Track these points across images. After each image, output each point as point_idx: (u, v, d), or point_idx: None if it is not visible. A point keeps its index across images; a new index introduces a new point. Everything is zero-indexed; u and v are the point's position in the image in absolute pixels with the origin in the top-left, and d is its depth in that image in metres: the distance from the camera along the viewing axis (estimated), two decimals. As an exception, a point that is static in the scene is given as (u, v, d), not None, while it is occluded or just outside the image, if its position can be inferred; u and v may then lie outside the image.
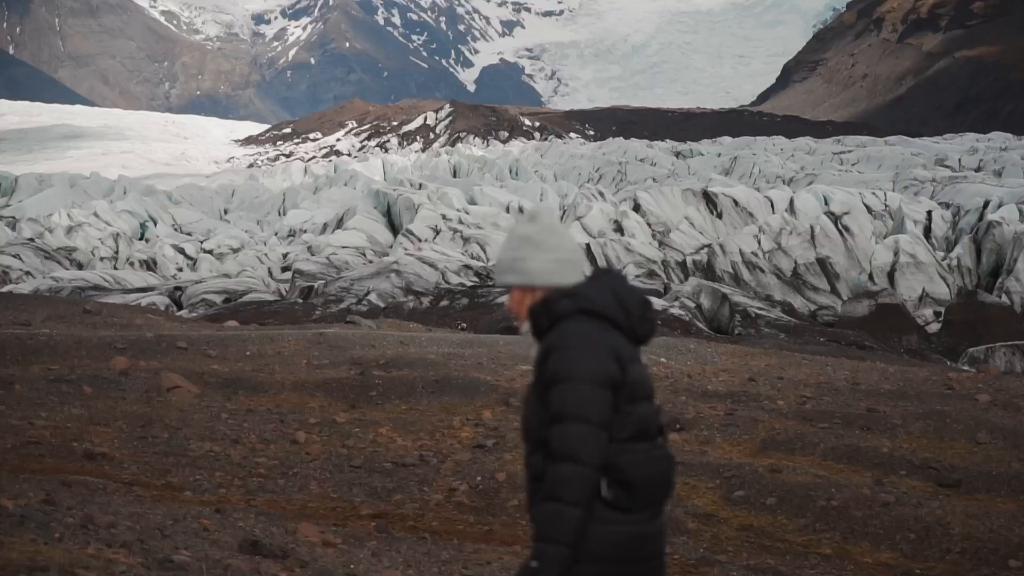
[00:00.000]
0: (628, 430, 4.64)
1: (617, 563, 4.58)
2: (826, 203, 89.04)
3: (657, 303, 66.69)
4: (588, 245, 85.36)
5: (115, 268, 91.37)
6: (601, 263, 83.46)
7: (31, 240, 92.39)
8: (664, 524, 4.82)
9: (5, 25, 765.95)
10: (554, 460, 4.53)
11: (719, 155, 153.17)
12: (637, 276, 78.46)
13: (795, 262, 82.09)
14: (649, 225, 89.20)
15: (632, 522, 4.64)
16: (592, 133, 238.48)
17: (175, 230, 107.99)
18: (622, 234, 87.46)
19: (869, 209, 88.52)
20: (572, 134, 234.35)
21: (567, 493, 4.46)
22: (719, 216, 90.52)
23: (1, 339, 24.60)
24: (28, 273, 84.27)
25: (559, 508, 4.46)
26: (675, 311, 65.39)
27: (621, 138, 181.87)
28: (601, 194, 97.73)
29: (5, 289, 73.04)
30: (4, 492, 11.70)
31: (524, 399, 4.93)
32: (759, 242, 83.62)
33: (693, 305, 68.07)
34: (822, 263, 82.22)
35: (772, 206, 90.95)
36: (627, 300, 4.75)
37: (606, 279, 4.81)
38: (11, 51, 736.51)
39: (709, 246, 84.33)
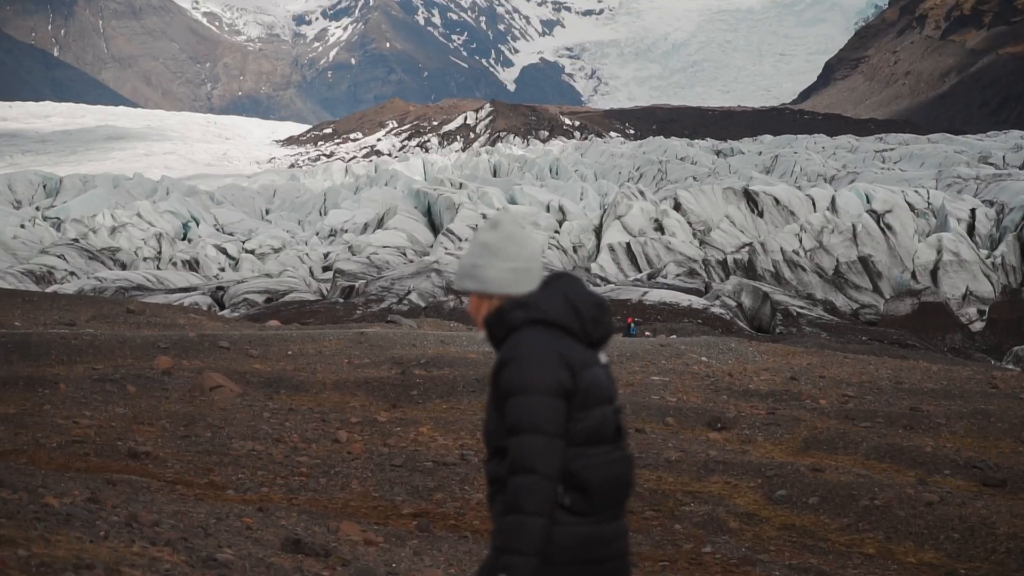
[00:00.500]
0: (582, 435, 4.63)
1: (572, 564, 4.61)
2: (868, 201, 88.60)
3: (698, 302, 66.52)
4: (628, 244, 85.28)
5: (158, 268, 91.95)
6: (641, 262, 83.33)
7: (75, 240, 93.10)
8: (624, 526, 4.88)
9: (50, 28, 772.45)
10: (513, 472, 4.55)
11: (760, 153, 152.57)
12: (678, 275, 78.27)
13: (837, 260, 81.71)
14: (690, 224, 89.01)
15: (586, 524, 4.64)
16: (632, 132, 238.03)
17: (217, 230, 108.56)
18: (662, 233, 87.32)
19: (912, 207, 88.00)
20: (612, 133, 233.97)
21: (528, 504, 4.48)
22: (760, 214, 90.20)
23: (46, 339, 24.80)
24: (73, 273, 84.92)
25: (522, 519, 4.49)
26: (716, 310, 65.17)
27: (661, 137, 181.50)
28: (641, 193, 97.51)
29: (50, 289, 73.65)
30: (50, 490, 11.79)
31: (486, 407, 4.96)
32: (800, 240, 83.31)
33: (734, 304, 67.86)
34: (864, 262, 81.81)
35: (814, 204, 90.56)
36: (580, 306, 4.73)
37: (559, 285, 4.79)
38: (56, 53, 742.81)
39: (750, 245, 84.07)
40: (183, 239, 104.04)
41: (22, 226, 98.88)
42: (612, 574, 4.73)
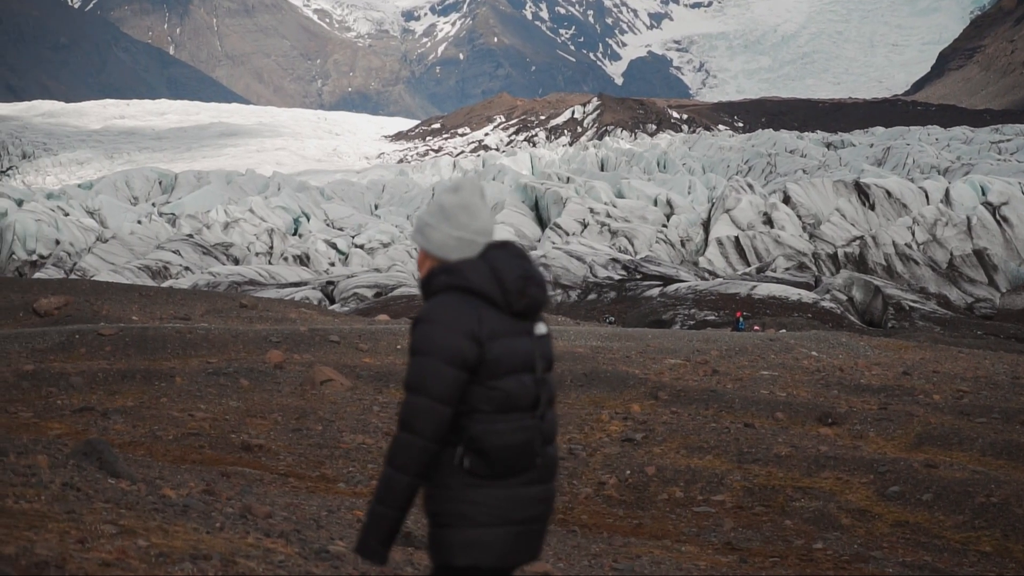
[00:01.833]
0: (492, 403, 4.76)
1: (487, 526, 4.74)
2: (983, 193, 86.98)
3: (807, 296, 65.81)
4: (737, 238, 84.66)
5: (270, 263, 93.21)
6: (750, 256, 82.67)
7: (190, 236, 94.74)
8: (547, 491, 4.92)
9: (166, 26, 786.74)
10: (398, 427, 4.75)
11: (871, 145, 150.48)
12: (787, 269, 77.54)
13: (951, 254, 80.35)
14: (799, 217, 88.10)
15: (503, 487, 4.77)
16: (741, 125, 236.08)
17: (327, 225, 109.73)
18: (772, 226, 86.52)
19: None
20: (720, 126, 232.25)
21: (398, 460, 4.70)
22: (871, 207, 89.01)
23: (162, 333, 25.28)
24: (187, 268, 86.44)
25: (390, 473, 4.73)
26: (826, 304, 64.45)
27: (770, 129, 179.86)
28: (750, 186, 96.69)
29: (166, 284, 75.07)
30: (167, 482, 12.05)
31: None
32: (913, 233, 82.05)
33: (844, 298, 67.05)
34: (979, 254, 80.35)
35: (927, 197, 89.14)
36: (504, 277, 4.82)
37: (492, 255, 4.90)
38: (172, 52, 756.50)
39: (861, 238, 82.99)
40: (294, 234, 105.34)
41: (139, 222, 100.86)
42: (531, 537, 4.89)
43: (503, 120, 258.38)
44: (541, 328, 5.01)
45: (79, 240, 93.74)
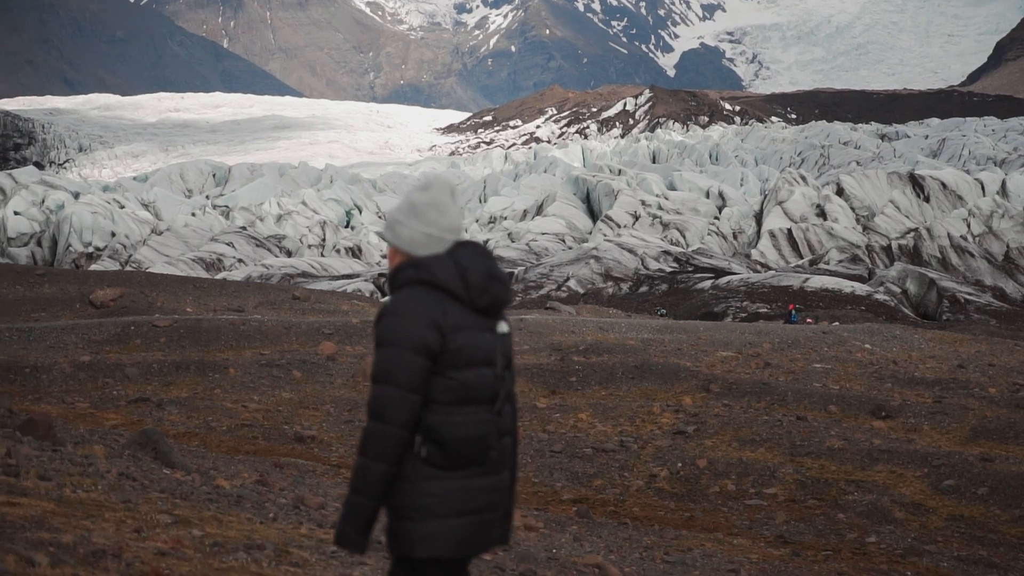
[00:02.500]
0: (451, 394, 4.87)
1: (445, 517, 4.84)
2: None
3: (861, 288, 65.36)
4: (790, 230, 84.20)
5: (322, 255, 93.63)
6: (803, 248, 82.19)
7: (243, 228, 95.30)
8: (503, 481, 5.04)
9: (220, 20, 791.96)
10: (368, 417, 4.84)
11: (926, 137, 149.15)
12: (840, 261, 77.03)
13: (1007, 246, 79.49)
14: (853, 209, 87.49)
15: (457, 478, 4.88)
16: (794, 116, 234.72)
17: (379, 217, 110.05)
18: (825, 219, 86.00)
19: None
20: (773, 118, 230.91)
21: (371, 449, 4.78)
22: (926, 199, 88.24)
23: (216, 324, 25.47)
24: (240, 260, 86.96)
25: (364, 463, 4.79)
26: (880, 296, 64.00)
27: (824, 121, 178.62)
28: (803, 178, 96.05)
29: (220, 276, 75.59)
30: (221, 472, 12.15)
31: None
32: (969, 226, 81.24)
33: (898, 290, 66.54)
34: (1036, 247, 79.56)
35: (983, 188, 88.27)
36: (469, 274, 4.94)
37: (458, 252, 5.01)
38: (226, 45, 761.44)
39: (916, 230, 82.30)
40: (346, 226, 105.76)
41: (193, 214, 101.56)
42: (490, 526, 4.98)
43: (555, 112, 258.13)
44: (503, 327, 5.10)
45: (134, 232, 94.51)
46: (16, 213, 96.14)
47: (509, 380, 5.15)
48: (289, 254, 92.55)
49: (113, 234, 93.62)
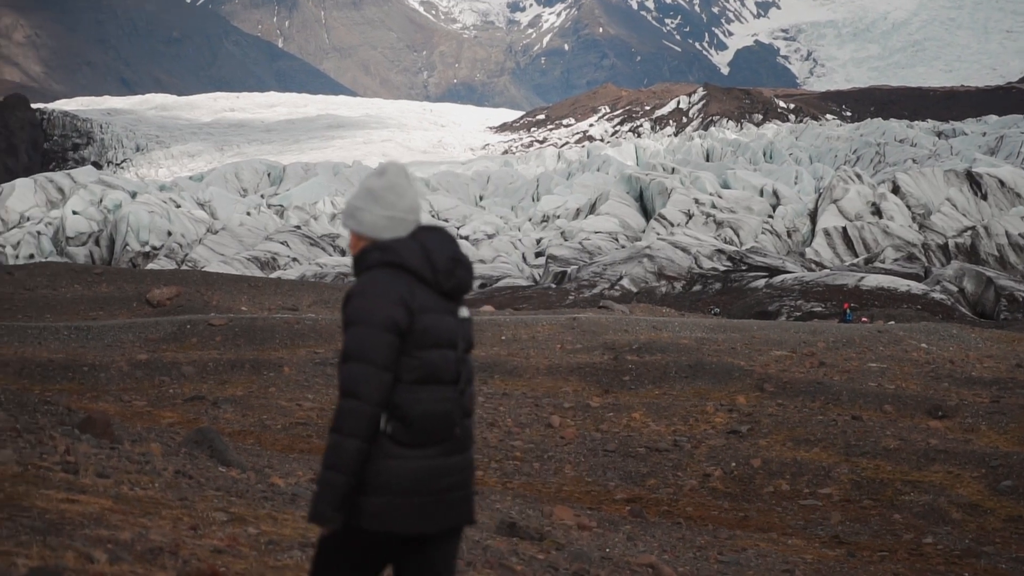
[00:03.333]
0: (415, 373, 4.97)
1: (404, 494, 4.92)
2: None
3: (917, 287, 64.84)
4: (845, 228, 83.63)
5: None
6: (858, 247, 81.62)
7: (297, 227, 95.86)
8: (465, 460, 5.12)
9: (275, 20, 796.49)
10: (340, 396, 4.89)
11: (984, 134, 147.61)
12: (896, 260, 76.45)
13: (1066, 245, 78.71)
14: (909, 207, 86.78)
15: (420, 457, 4.95)
16: (849, 114, 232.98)
17: (432, 216, 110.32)
18: (880, 217, 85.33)
19: None
20: (828, 115, 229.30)
21: (346, 426, 4.84)
22: (983, 197, 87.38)
23: (271, 323, 25.65)
24: (295, 259, 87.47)
25: (339, 439, 4.82)
26: (936, 295, 63.47)
27: (880, 119, 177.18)
28: (858, 176, 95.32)
29: (274, 275, 76.08)
30: (276, 471, 12.24)
31: None
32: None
33: (955, 289, 65.96)
34: (1096, 246, 78.65)
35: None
36: (435, 257, 5.06)
37: (423, 235, 5.13)
38: (280, 44, 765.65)
39: (973, 228, 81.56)
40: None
41: (248, 213, 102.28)
42: (453, 505, 5.05)
43: (608, 111, 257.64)
44: (464, 312, 5.20)
45: (190, 231, 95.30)
46: (75, 213, 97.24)
47: (470, 363, 5.24)
48: (343, 253, 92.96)
49: (169, 233, 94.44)
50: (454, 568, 5.17)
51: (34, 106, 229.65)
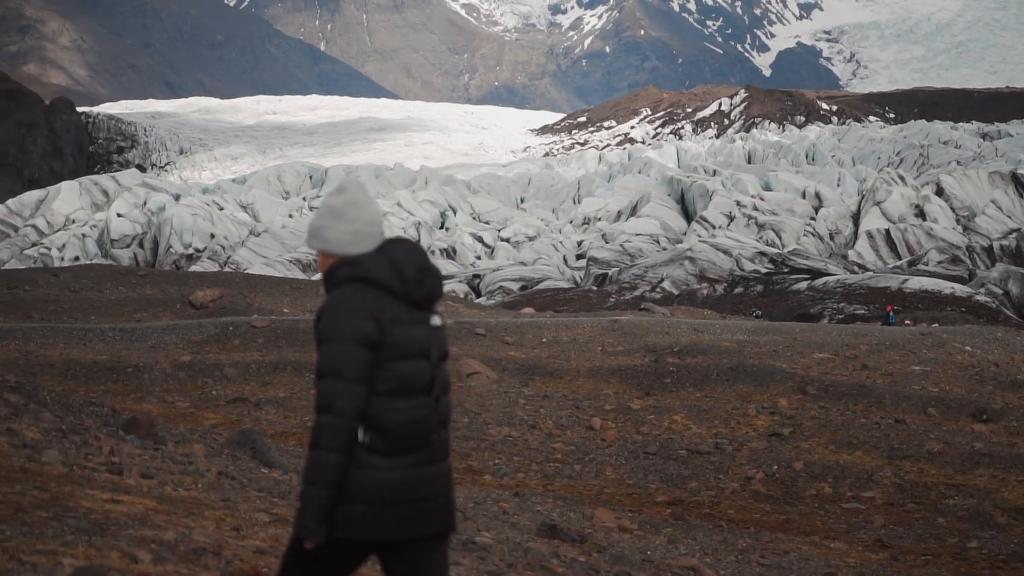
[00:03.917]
0: (389, 384, 5.06)
1: (380, 504, 5.01)
2: None
3: (961, 290, 64.39)
4: (888, 230, 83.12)
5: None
6: (901, 249, 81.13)
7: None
8: (443, 471, 5.21)
9: (317, 23, 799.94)
10: (316, 411, 5.01)
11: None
12: (939, 262, 75.95)
13: (1113, 247, 78.03)
14: (953, 209, 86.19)
15: (395, 467, 5.05)
16: (892, 116, 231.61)
17: (473, 219, 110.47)
18: (924, 219, 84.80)
19: None
20: (871, 117, 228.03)
21: (324, 441, 4.95)
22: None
23: (310, 327, 25.75)
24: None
25: (318, 454, 4.94)
26: (980, 298, 63.03)
27: (923, 120, 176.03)
28: (901, 178, 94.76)
29: (316, 277, 76.39)
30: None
31: None
32: (1073, 226, 79.90)
33: (1000, 292, 65.48)
34: None
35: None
36: (403, 268, 5.15)
37: (391, 248, 5.23)
38: (322, 48, 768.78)
39: (1018, 230, 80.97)
40: (441, 228, 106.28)
41: (290, 216, 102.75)
42: (430, 514, 5.13)
43: (649, 113, 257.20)
44: (436, 320, 5.29)
45: (233, 234, 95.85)
46: (119, 215, 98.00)
47: (444, 371, 5.32)
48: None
49: (212, 236, 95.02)
50: (445, 572, 5.24)
51: (79, 109, 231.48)
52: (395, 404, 5.05)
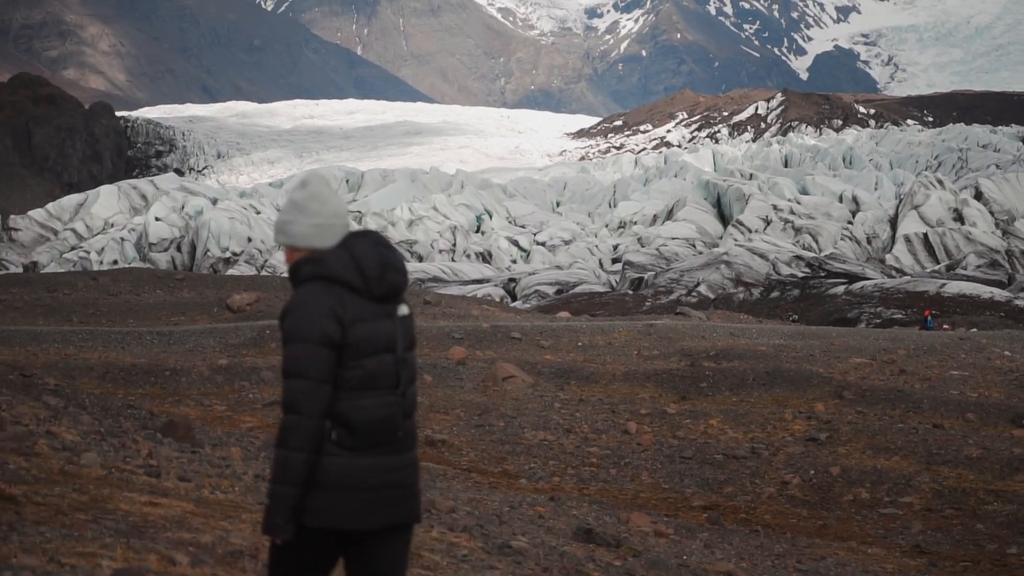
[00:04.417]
0: (355, 381, 5.12)
1: (342, 491, 5.07)
2: None
3: (1000, 294, 63.95)
4: (926, 235, 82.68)
5: (452, 260, 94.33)
6: (939, 253, 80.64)
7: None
8: (407, 461, 5.31)
9: (354, 27, 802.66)
10: (283, 411, 5.05)
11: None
12: (978, 266, 75.46)
13: None
14: (992, 213, 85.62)
15: (361, 457, 5.13)
16: (931, 119, 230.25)
17: (509, 223, 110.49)
18: (962, 223, 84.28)
19: None
20: (909, 121, 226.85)
21: (291, 441, 5.01)
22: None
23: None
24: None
25: (285, 454, 5.01)
26: (1020, 302, 62.58)
27: (962, 124, 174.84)
28: (940, 182, 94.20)
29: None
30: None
31: None
32: (1114, 230, 79.25)
33: (1040, 297, 65.05)
34: None
35: None
36: (364, 265, 5.18)
37: (353, 243, 5.26)
38: (359, 52, 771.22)
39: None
40: (477, 231, 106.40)
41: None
42: (393, 503, 5.21)
43: (685, 116, 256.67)
44: (403, 309, 5.34)
45: (270, 238, 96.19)
46: (157, 219, 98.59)
47: (411, 362, 5.39)
48: (420, 259, 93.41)
49: (249, 239, 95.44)
50: (403, 566, 5.29)
51: (118, 114, 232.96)
52: (362, 401, 5.11)
